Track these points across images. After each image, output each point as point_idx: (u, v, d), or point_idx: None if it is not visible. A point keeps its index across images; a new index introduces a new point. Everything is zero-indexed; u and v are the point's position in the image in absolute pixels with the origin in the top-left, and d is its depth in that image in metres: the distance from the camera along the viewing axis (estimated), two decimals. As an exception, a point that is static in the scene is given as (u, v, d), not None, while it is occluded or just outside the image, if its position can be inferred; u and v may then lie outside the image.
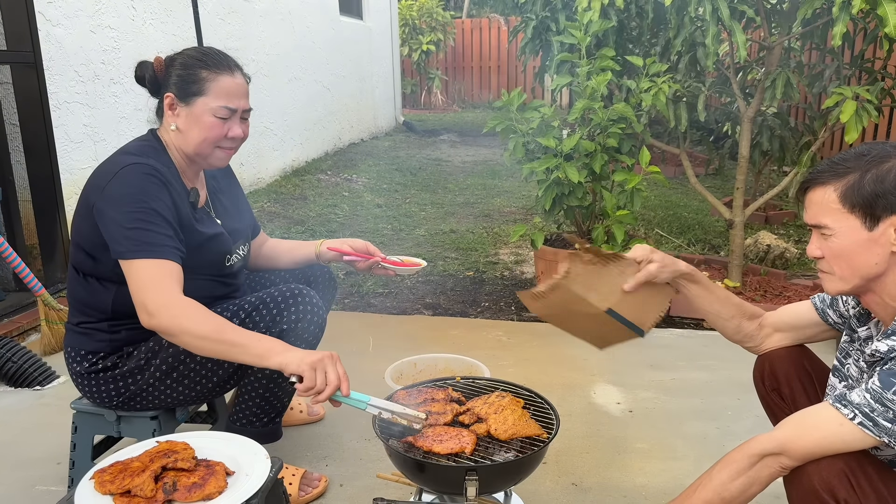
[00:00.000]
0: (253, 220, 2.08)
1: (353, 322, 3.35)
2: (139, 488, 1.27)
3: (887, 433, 1.22)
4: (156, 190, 1.64)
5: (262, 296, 1.77)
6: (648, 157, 3.13)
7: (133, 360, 1.75)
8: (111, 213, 1.62)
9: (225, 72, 1.74)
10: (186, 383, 1.77)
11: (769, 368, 1.64)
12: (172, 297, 1.59)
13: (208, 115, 1.72)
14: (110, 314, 1.75)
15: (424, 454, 1.55)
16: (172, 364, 1.74)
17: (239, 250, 1.91)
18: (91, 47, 3.96)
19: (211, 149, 1.75)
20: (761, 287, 3.55)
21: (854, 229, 1.28)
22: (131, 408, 1.81)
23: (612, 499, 1.97)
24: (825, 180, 1.30)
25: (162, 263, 1.61)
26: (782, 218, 5.16)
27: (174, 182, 1.72)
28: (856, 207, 1.27)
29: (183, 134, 1.75)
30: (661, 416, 2.45)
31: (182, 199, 1.73)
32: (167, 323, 1.57)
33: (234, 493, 1.28)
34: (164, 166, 1.71)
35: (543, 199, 3.23)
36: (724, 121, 4.15)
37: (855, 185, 1.27)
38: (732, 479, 1.33)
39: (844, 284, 1.33)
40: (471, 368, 2.31)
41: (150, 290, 1.59)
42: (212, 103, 1.72)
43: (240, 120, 1.77)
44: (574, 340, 1.73)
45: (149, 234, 1.61)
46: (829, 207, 1.29)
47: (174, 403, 1.82)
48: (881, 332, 1.37)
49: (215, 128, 1.73)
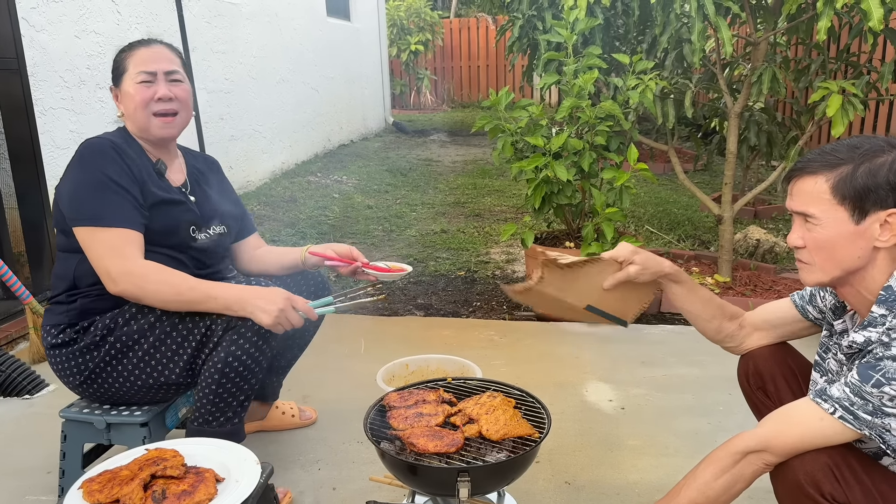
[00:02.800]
0: (243, 217, 2.11)
1: (345, 324, 3.34)
2: (128, 497, 1.26)
3: (868, 426, 1.23)
4: (108, 159, 1.74)
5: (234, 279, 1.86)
6: (637, 154, 3.13)
7: (89, 335, 1.78)
8: (67, 184, 1.75)
9: (139, 46, 1.85)
10: (142, 367, 1.78)
11: (753, 367, 1.64)
12: (134, 263, 1.69)
13: (132, 85, 1.81)
14: (71, 283, 1.82)
15: (416, 456, 1.55)
16: (126, 343, 1.76)
17: (210, 230, 1.93)
18: (76, 52, 3.93)
19: (146, 116, 1.82)
20: (751, 281, 3.57)
21: (841, 221, 1.27)
22: (95, 390, 1.82)
23: (605, 496, 1.98)
24: (816, 170, 1.29)
25: (121, 232, 1.70)
26: (771, 212, 5.19)
27: (133, 152, 1.80)
28: (846, 200, 1.26)
29: (127, 114, 1.85)
30: (653, 412, 2.46)
31: (143, 164, 1.81)
32: (130, 289, 1.69)
33: (224, 500, 1.27)
34: (124, 142, 1.81)
35: (533, 198, 3.24)
36: (712, 117, 4.16)
37: (847, 178, 1.26)
38: (716, 478, 1.33)
39: (824, 276, 1.33)
40: (462, 369, 2.30)
41: (111, 258, 1.68)
42: (132, 73, 1.82)
43: (168, 82, 1.83)
44: (565, 339, 1.73)
45: (105, 203, 1.70)
46: (818, 197, 1.28)
47: (136, 388, 1.81)
48: (857, 325, 1.37)
49: (140, 92, 1.80)
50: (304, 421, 2.37)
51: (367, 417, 1.70)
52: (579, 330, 3.18)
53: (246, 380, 1.76)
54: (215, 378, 1.73)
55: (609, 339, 3.10)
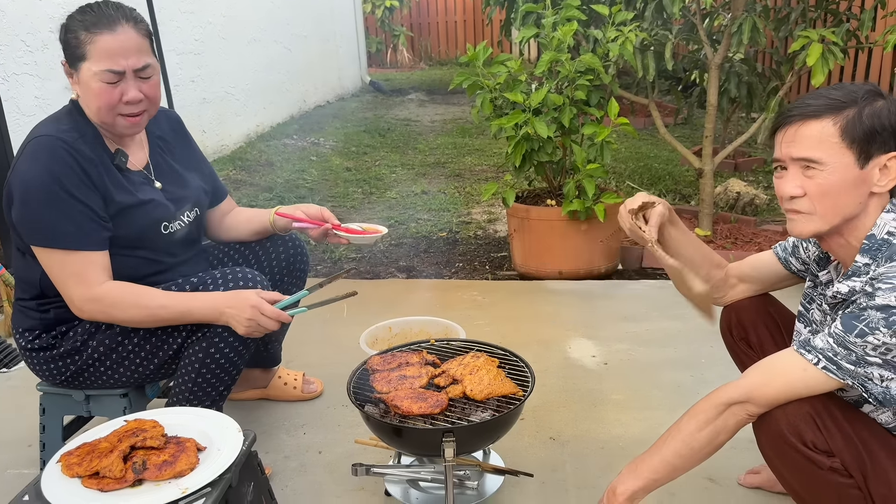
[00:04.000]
0: (214, 184, 1.98)
1: (327, 288, 3.30)
2: (108, 469, 1.24)
3: (851, 375, 1.24)
4: (63, 165, 1.56)
5: (205, 277, 1.71)
6: (617, 109, 3.10)
7: (69, 341, 1.70)
8: (19, 188, 1.56)
9: (103, 30, 1.56)
10: (127, 364, 1.73)
11: (736, 318, 1.65)
12: (98, 289, 1.57)
13: (95, 81, 1.57)
14: (39, 291, 1.70)
15: (401, 418, 1.55)
16: (111, 346, 1.70)
17: (182, 217, 1.80)
18: (37, 15, 3.77)
19: (111, 116, 1.61)
20: (731, 234, 3.58)
21: (847, 166, 1.25)
22: (77, 385, 1.78)
23: (589, 450, 2.00)
24: (820, 113, 1.25)
25: (81, 256, 1.56)
26: (751, 165, 5.19)
27: (90, 150, 1.61)
28: (854, 143, 1.24)
29: (83, 102, 1.64)
30: (636, 367, 2.48)
31: (102, 165, 1.64)
32: (99, 316, 1.60)
33: (206, 469, 1.26)
34: (78, 134, 1.62)
35: (513, 156, 3.20)
36: (692, 69, 4.12)
37: (854, 120, 1.23)
38: (700, 429, 1.34)
39: (823, 224, 1.30)
40: (446, 330, 2.30)
41: (74, 286, 1.57)
42: (94, 67, 1.56)
43: (137, 79, 1.60)
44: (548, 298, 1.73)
45: (61, 222, 1.55)
46: (827, 141, 1.24)
47: (121, 384, 1.77)
48: (841, 275, 1.37)
49: (104, 94, 1.57)
50: (307, 394, 2.29)
51: (351, 381, 1.70)
52: (562, 288, 3.19)
53: (227, 371, 1.72)
54: (195, 367, 1.69)
55: (591, 295, 3.11)
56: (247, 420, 2.19)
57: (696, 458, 1.37)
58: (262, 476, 1.47)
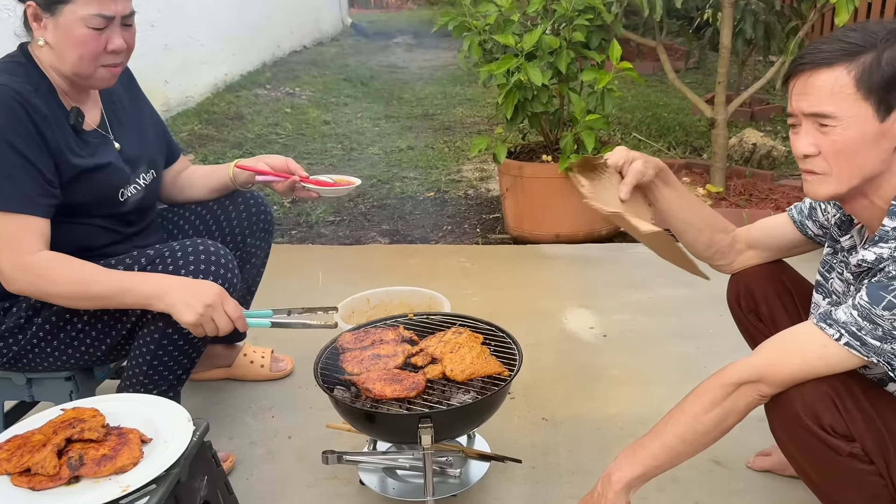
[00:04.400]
0: (168, 142, 1.94)
1: (300, 256, 3.26)
2: (40, 465, 1.19)
3: (875, 352, 1.20)
4: (14, 119, 1.50)
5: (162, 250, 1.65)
6: (620, 52, 3.00)
7: (12, 317, 1.65)
8: None
9: None
10: (76, 345, 1.68)
11: (745, 288, 1.61)
12: (30, 257, 1.51)
13: (79, 27, 1.53)
14: None
15: (373, 403, 1.51)
16: (57, 323, 1.65)
17: (139, 179, 1.76)
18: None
19: (92, 67, 1.57)
20: (746, 191, 3.53)
21: (865, 119, 1.18)
22: (20, 368, 1.73)
23: (584, 431, 1.98)
24: (832, 60, 1.18)
25: (18, 219, 1.50)
26: (769, 113, 5.11)
27: (44, 106, 1.56)
28: (871, 93, 1.17)
29: (55, 51, 1.58)
30: (638, 338, 2.45)
31: (58, 124, 1.58)
32: (26, 288, 1.53)
33: (150, 465, 1.22)
34: (32, 87, 1.55)
35: (504, 106, 3.12)
36: (704, 7, 4.03)
37: (871, 67, 1.16)
38: (707, 411, 1.31)
39: (840, 186, 1.24)
40: (430, 302, 2.25)
41: (4, 251, 1.50)
42: (81, 11, 1.52)
43: (121, 27, 1.58)
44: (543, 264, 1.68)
45: (2, 180, 1.49)
46: (840, 93, 1.18)
47: (68, 366, 1.73)
48: (866, 240, 1.32)
49: (90, 41, 1.54)
50: (275, 373, 2.26)
51: (319, 361, 1.65)
52: (558, 252, 3.15)
53: (185, 354, 1.68)
54: (150, 348, 1.64)
55: (590, 261, 3.07)
56: (209, 403, 2.15)
57: (701, 442, 1.34)
58: (217, 468, 1.43)
